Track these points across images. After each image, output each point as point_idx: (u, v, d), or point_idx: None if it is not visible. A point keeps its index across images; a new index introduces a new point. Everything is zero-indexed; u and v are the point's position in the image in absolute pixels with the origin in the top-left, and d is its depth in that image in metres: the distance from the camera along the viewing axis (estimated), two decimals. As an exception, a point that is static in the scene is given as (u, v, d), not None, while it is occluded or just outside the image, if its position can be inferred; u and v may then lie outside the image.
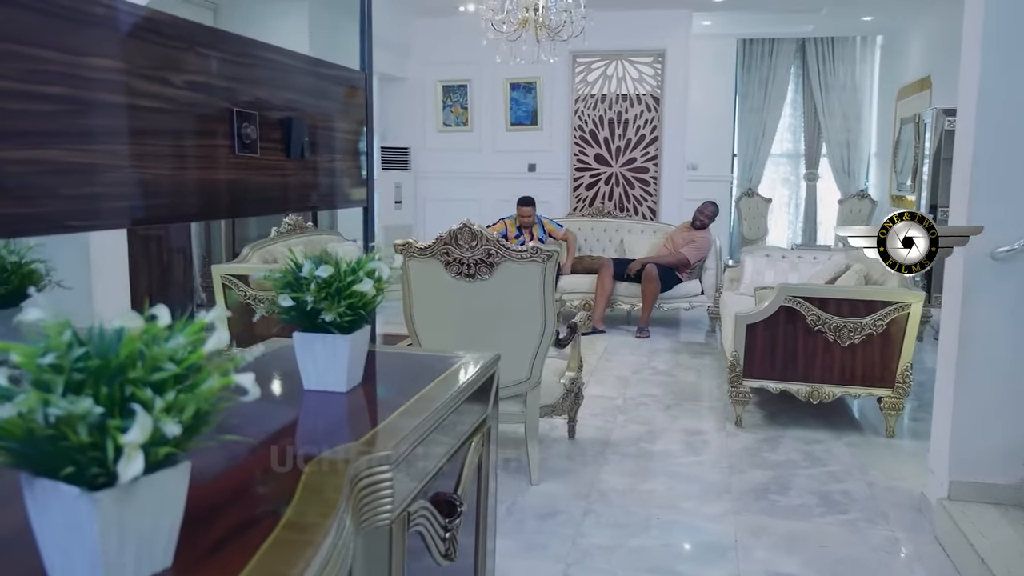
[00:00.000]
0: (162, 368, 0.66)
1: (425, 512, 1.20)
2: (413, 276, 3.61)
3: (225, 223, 7.52)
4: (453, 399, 1.32)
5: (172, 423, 0.65)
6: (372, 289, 1.28)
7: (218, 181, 1.56)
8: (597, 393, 5.21)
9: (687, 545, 3.13)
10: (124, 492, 0.66)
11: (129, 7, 1.34)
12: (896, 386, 4.29)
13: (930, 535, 3.19)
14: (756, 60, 10.61)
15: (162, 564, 0.73)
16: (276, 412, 1.31)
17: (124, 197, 1.35)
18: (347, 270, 1.29)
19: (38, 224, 1.24)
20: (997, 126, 2.95)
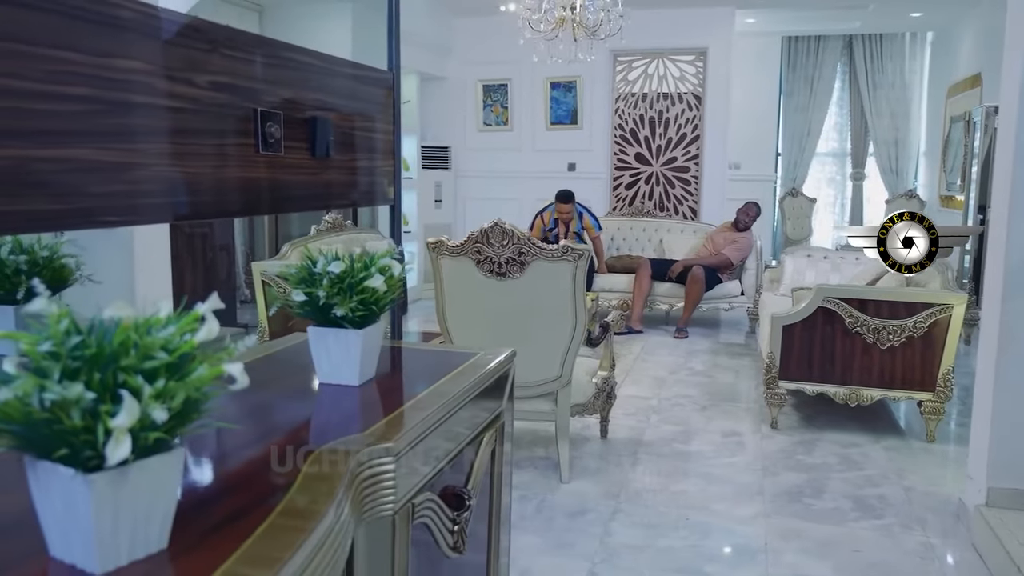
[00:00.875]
0: (154, 357, 0.69)
1: (431, 504, 1.22)
2: (445, 274, 3.64)
3: (268, 221, 7.67)
4: (462, 394, 1.34)
5: (160, 409, 0.67)
6: (383, 285, 1.30)
7: (241, 179, 1.60)
8: (632, 393, 5.20)
9: (716, 546, 3.11)
10: (118, 475, 0.69)
11: (155, 10, 1.38)
12: (937, 390, 4.21)
13: (967, 542, 3.13)
14: (801, 58, 10.48)
15: (157, 545, 0.76)
16: (289, 404, 1.34)
17: (148, 194, 1.39)
18: (360, 266, 1.31)
19: (65, 220, 1.28)
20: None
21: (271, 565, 0.75)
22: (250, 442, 1.13)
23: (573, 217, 7.30)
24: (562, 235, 7.27)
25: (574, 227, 7.30)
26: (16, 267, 1.43)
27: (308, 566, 0.80)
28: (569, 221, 7.32)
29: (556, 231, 7.29)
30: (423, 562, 1.29)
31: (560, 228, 7.29)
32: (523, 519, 3.31)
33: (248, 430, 1.19)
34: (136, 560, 0.74)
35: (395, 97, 2.30)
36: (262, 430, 1.21)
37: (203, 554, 0.77)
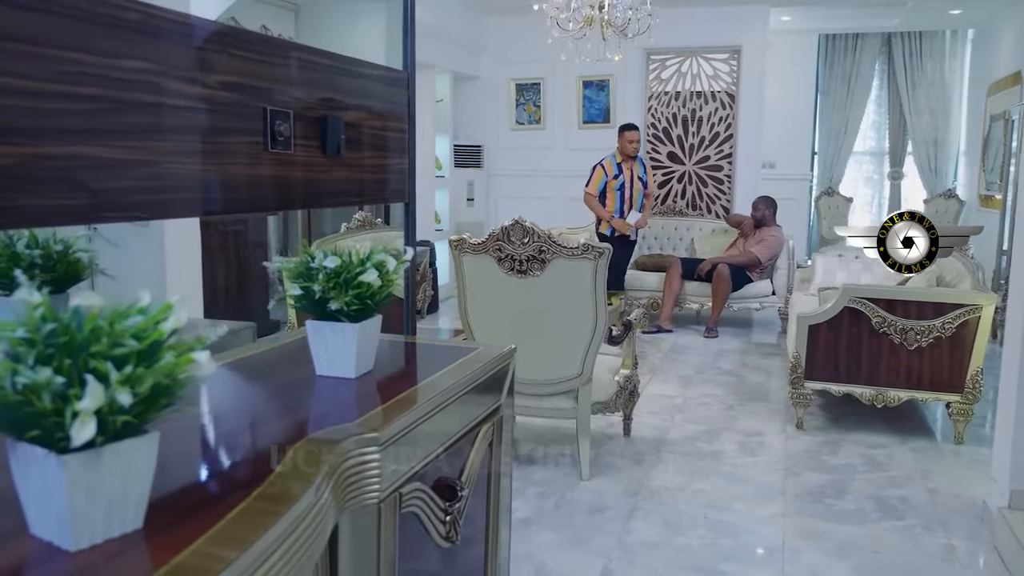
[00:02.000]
0: (123, 344, 0.73)
1: (420, 494, 1.25)
2: (467, 272, 3.68)
3: (302, 219, 7.77)
4: (456, 388, 1.37)
5: (126, 393, 0.71)
6: (378, 280, 1.33)
7: (250, 176, 1.64)
8: (658, 392, 5.20)
9: (733, 545, 3.10)
10: (91, 456, 0.73)
11: (161, 11, 1.43)
12: (965, 391, 4.15)
13: (989, 545, 3.09)
14: (839, 56, 10.36)
15: (132, 525, 0.80)
16: (285, 395, 1.38)
17: (156, 191, 1.44)
18: (356, 262, 1.35)
19: (73, 215, 1.33)
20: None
21: (239, 545, 0.78)
22: (240, 430, 1.17)
23: (636, 159, 6.95)
24: (628, 183, 6.85)
25: (638, 171, 6.95)
26: (31, 261, 1.49)
27: (278, 548, 0.83)
28: (633, 163, 6.92)
29: (623, 178, 6.86)
30: (419, 553, 1.32)
31: (626, 173, 6.88)
32: (541, 515, 3.33)
33: (240, 419, 1.23)
34: (111, 538, 0.78)
35: (410, 96, 2.34)
36: (254, 419, 1.25)
37: (176, 534, 0.80)
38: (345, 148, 2.02)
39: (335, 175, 1.99)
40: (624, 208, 6.90)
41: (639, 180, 6.91)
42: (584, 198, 7.02)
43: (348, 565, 1.09)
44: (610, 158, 6.91)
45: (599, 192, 6.91)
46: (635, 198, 6.92)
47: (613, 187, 6.84)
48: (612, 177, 6.84)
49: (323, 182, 1.94)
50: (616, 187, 6.84)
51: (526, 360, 3.67)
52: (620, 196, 6.87)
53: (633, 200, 6.92)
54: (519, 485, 3.63)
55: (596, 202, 6.93)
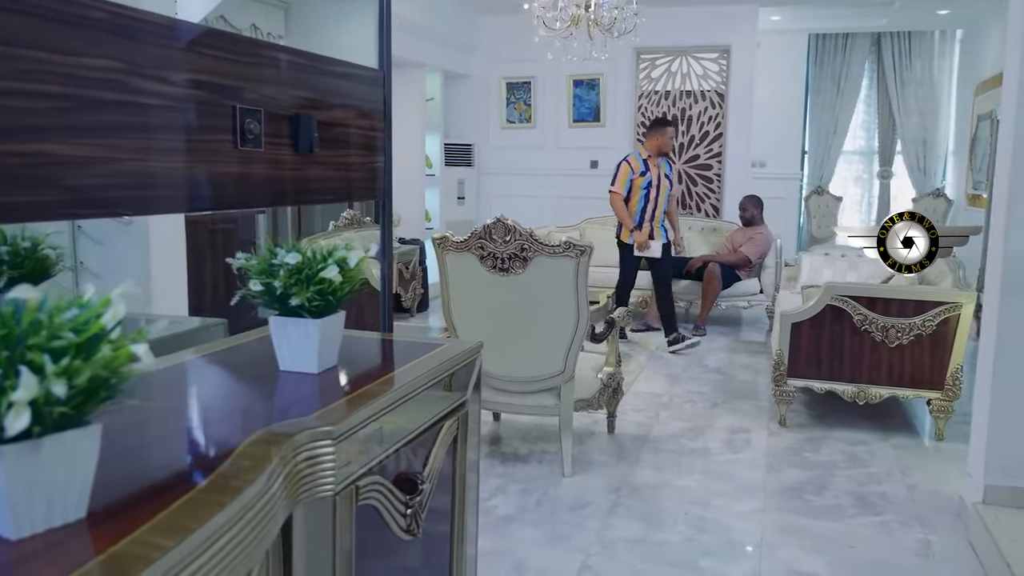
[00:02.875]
0: (61, 337, 0.75)
1: (378, 487, 1.26)
2: (450, 270, 3.69)
3: (292, 217, 7.78)
4: (417, 383, 1.39)
5: (61, 385, 0.72)
6: (339, 276, 1.35)
7: (219, 174, 1.65)
8: (644, 389, 5.22)
9: (712, 541, 3.13)
10: (30, 447, 0.75)
11: (127, 11, 1.44)
12: (946, 388, 4.18)
13: (964, 540, 3.12)
14: (829, 55, 10.39)
15: (75, 514, 0.82)
16: (247, 390, 1.40)
17: (122, 188, 1.45)
18: (318, 258, 1.37)
19: (40, 211, 1.35)
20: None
21: (179, 534, 0.80)
22: (196, 424, 1.18)
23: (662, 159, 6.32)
24: (655, 182, 6.19)
25: (664, 170, 6.33)
26: (-2, 258, 1.50)
27: (220, 537, 0.84)
28: (661, 158, 6.29)
29: (650, 176, 6.18)
30: (383, 546, 1.34)
31: (653, 171, 6.21)
32: (523, 512, 3.35)
33: (198, 412, 1.24)
34: (53, 527, 0.80)
35: (386, 95, 2.35)
36: (212, 413, 1.27)
37: (119, 523, 0.82)
38: (318, 146, 2.04)
39: (308, 173, 2.00)
40: (649, 209, 6.22)
41: (666, 179, 6.28)
42: (610, 199, 6.33)
43: (302, 556, 1.11)
44: (635, 155, 6.31)
45: (624, 191, 6.23)
46: (661, 198, 6.25)
47: (639, 185, 6.19)
48: (638, 175, 6.18)
49: (295, 180, 1.96)
50: (642, 185, 6.19)
51: (509, 357, 3.70)
52: (646, 196, 6.20)
53: (659, 201, 6.23)
54: (502, 482, 3.65)
55: (622, 205, 6.25)
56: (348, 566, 1.19)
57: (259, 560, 0.96)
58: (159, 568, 0.74)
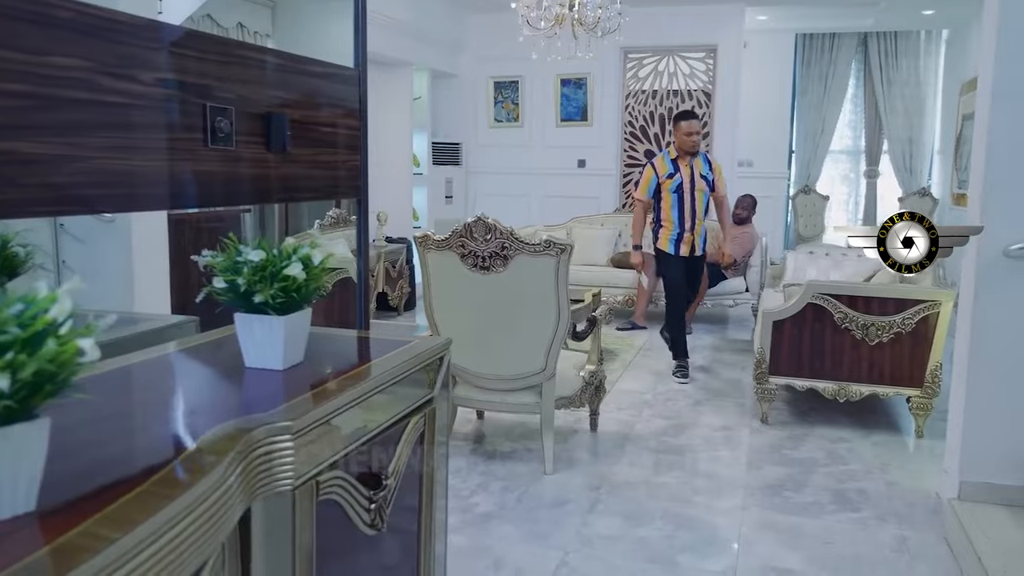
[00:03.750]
0: (6, 331, 0.76)
1: (340, 482, 1.28)
2: (431, 268, 3.71)
3: (279, 216, 7.78)
4: (381, 379, 1.40)
5: (4, 379, 0.74)
6: (302, 274, 1.36)
7: (188, 172, 1.66)
8: (628, 388, 5.24)
9: (690, 537, 3.15)
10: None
11: (94, 10, 1.45)
12: (925, 386, 4.21)
13: (940, 536, 3.15)
14: (816, 55, 10.43)
15: (24, 507, 0.83)
16: (211, 386, 1.41)
17: (88, 186, 1.46)
18: (283, 256, 1.38)
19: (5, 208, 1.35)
20: (1011, 123, 2.89)
21: (125, 526, 0.81)
22: (156, 419, 1.19)
23: (697, 155, 5.48)
24: (686, 183, 5.38)
25: (700, 170, 5.44)
26: (-33, 255, 1.51)
27: (170, 530, 0.86)
28: (695, 159, 5.44)
29: (679, 177, 5.39)
30: (348, 541, 1.35)
31: (683, 172, 5.40)
32: (503, 509, 3.37)
33: (160, 408, 1.25)
34: (1, 519, 0.81)
35: (361, 94, 2.36)
36: (174, 409, 1.28)
37: (68, 515, 0.83)
38: (292, 145, 2.05)
39: (282, 171, 2.01)
40: (686, 215, 5.43)
41: (702, 179, 5.44)
42: (634, 207, 5.77)
43: (261, 549, 1.13)
44: (663, 155, 5.55)
45: (651, 195, 5.48)
46: (699, 202, 5.46)
47: (668, 188, 5.41)
48: (665, 177, 5.42)
49: (268, 178, 1.97)
50: (672, 188, 5.41)
51: (490, 355, 3.72)
52: (678, 200, 5.40)
53: (697, 205, 5.45)
54: (483, 480, 3.67)
55: (640, 214, 5.63)
56: (309, 560, 1.20)
57: (213, 553, 0.97)
58: (104, 559, 0.75)
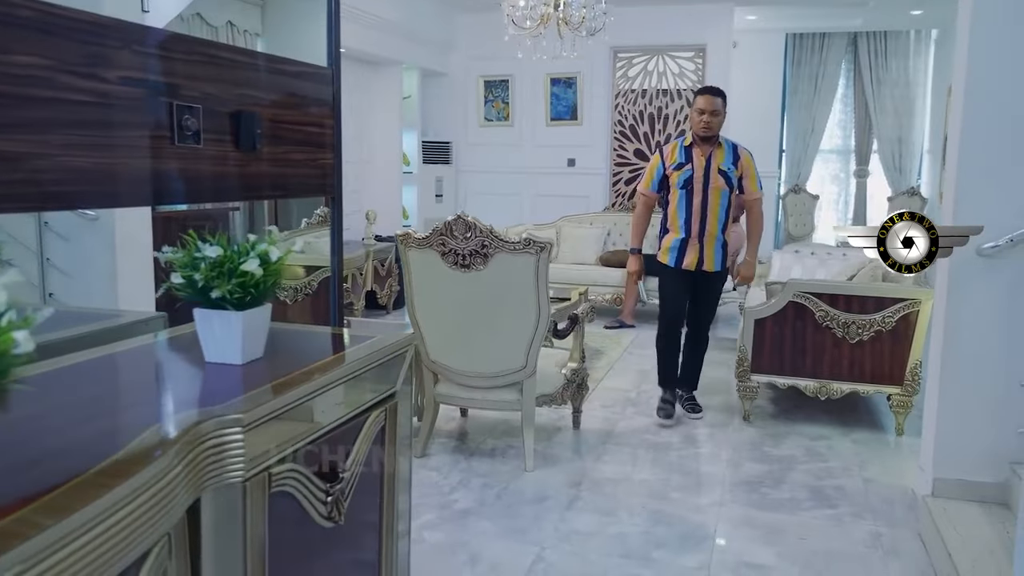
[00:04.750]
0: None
1: (294, 475, 1.30)
2: (412, 266, 3.73)
3: (268, 214, 7.78)
4: (339, 374, 1.42)
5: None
6: (259, 270, 1.38)
7: (154, 170, 1.68)
8: (613, 385, 5.26)
9: (666, 533, 3.17)
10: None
11: (57, 9, 1.47)
12: (905, 384, 4.24)
13: (915, 531, 3.18)
14: (806, 55, 10.47)
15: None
16: (169, 380, 1.43)
17: (52, 183, 1.48)
18: (241, 252, 1.40)
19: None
20: (983, 125, 2.92)
21: (62, 514, 0.83)
22: (108, 411, 1.21)
23: (722, 144, 4.31)
24: (697, 176, 4.22)
25: (721, 162, 4.26)
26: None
27: (108, 518, 0.88)
28: (714, 147, 4.28)
29: (689, 168, 4.24)
30: (307, 533, 1.37)
31: (696, 162, 4.24)
32: (482, 506, 3.39)
33: (114, 401, 1.27)
34: (-61, 507, 0.83)
35: (334, 92, 2.38)
36: (128, 401, 1.30)
37: (6, 504, 0.85)
38: (263, 143, 2.07)
39: (251, 169, 2.03)
40: (694, 218, 4.29)
41: (720, 175, 4.24)
42: (636, 202, 4.77)
43: (211, 539, 1.15)
44: (677, 141, 4.42)
45: (655, 188, 4.42)
46: (714, 203, 4.27)
47: (675, 182, 4.28)
48: (674, 167, 4.27)
49: (238, 176, 1.98)
50: (679, 182, 4.27)
51: (471, 353, 3.74)
52: (685, 197, 4.27)
53: (710, 206, 4.27)
54: (464, 476, 3.69)
55: (641, 210, 4.57)
56: (261, 551, 1.22)
57: (156, 541, 0.99)
58: (36, 544, 0.78)
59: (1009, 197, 2.92)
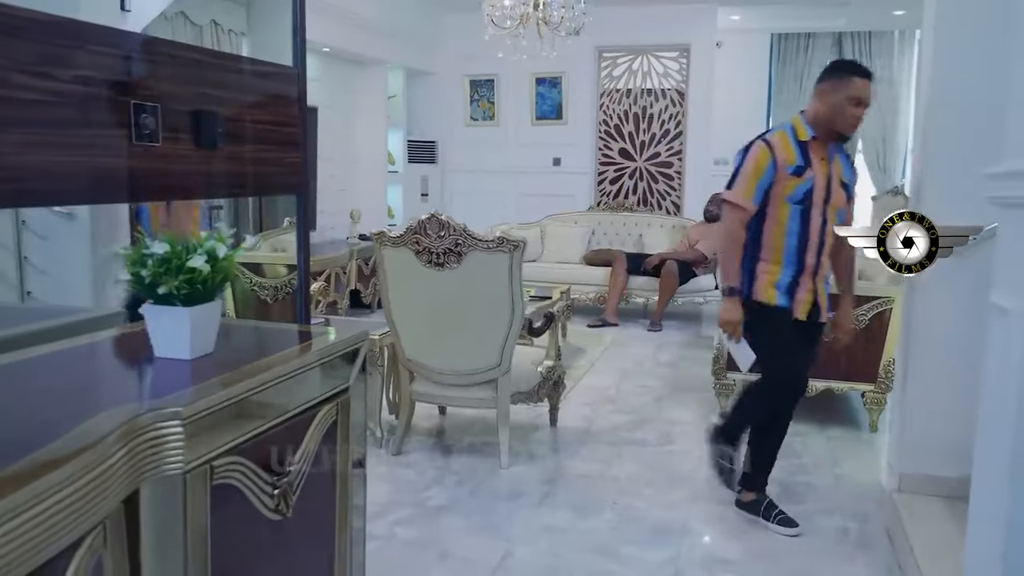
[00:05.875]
0: None
1: (238, 467, 1.32)
2: (388, 264, 3.75)
3: (252, 213, 7.77)
4: (285, 369, 1.45)
5: None
6: (205, 266, 1.41)
7: (110, 168, 1.70)
8: (593, 383, 5.29)
9: (636, 529, 3.20)
10: None
11: (6, 8, 1.49)
12: (879, 381, 4.28)
13: (882, 526, 3.21)
14: (791, 54, 10.50)
15: None
16: (117, 374, 1.46)
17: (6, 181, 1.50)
18: (190, 248, 1.42)
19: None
20: (946, 126, 2.96)
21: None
22: (52, 404, 1.24)
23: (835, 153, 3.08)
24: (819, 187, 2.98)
25: (841, 172, 3.08)
26: None
27: (35, 506, 0.90)
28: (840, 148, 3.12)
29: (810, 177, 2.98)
30: (253, 525, 1.40)
31: (818, 168, 3.00)
32: (456, 502, 3.41)
33: (59, 395, 1.30)
34: None
35: (301, 92, 2.40)
36: (72, 395, 1.32)
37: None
38: (226, 141, 2.09)
39: (212, 167, 2.05)
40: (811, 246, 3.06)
41: (842, 188, 3.09)
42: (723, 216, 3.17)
43: (150, 529, 1.17)
44: (783, 129, 3.08)
45: (758, 200, 3.03)
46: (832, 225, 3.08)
47: (787, 193, 3.00)
48: (790, 171, 2.98)
49: (199, 174, 2.00)
50: (795, 196, 3.01)
51: (446, 351, 3.76)
52: (801, 217, 3.02)
53: (829, 229, 3.07)
54: (439, 473, 3.72)
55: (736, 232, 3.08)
56: (203, 541, 1.25)
57: (89, 529, 1.01)
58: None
59: (972, 196, 2.94)
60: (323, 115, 7.46)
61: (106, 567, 1.08)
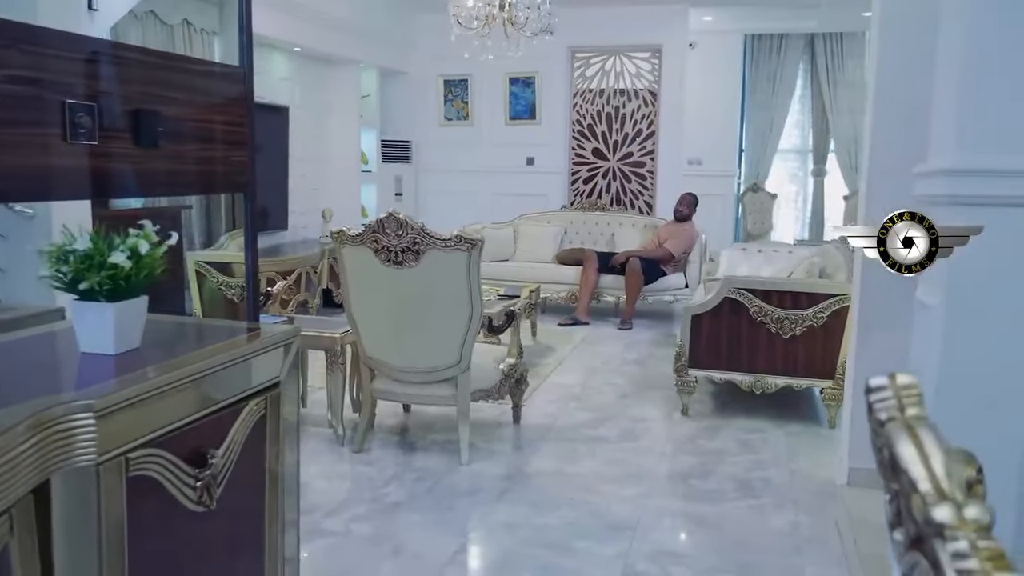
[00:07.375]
0: None
1: (156, 459, 1.34)
2: (348, 263, 3.77)
3: (225, 213, 7.76)
4: (207, 363, 1.47)
5: None
6: (127, 262, 1.43)
7: (42, 166, 1.72)
8: (560, 381, 5.32)
9: (590, 524, 3.23)
10: None
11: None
12: (836, 377, 4.34)
13: (832, 520, 3.26)
14: (764, 56, 10.59)
15: None
16: (39, 369, 1.48)
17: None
18: (113, 245, 1.44)
19: None
20: (888, 126, 3.02)
21: None
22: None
23: None
24: None
25: None
26: None
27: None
28: None
29: None
30: (175, 518, 1.42)
31: None
32: (413, 499, 3.44)
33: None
34: None
35: (247, 91, 2.42)
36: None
37: None
38: (168, 140, 2.11)
39: (153, 166, 2.07)
40: None
41: None
42: None
43: (62, 519, 1.19)
44: None
45: None
46: None
47: None
48: None
49: (138, 173, 2.02)
50: None
51: (406, 349, 3.79)
52: None
53: None
54: (399, 470, 3.74)
55: None
56: (119, 532, 1.27)
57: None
58: None
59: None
60: (294, 115, 7.45)
61: (13, 556, 1.10)
